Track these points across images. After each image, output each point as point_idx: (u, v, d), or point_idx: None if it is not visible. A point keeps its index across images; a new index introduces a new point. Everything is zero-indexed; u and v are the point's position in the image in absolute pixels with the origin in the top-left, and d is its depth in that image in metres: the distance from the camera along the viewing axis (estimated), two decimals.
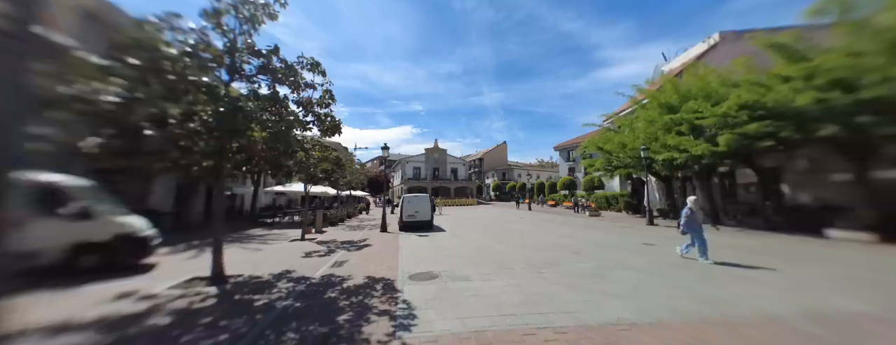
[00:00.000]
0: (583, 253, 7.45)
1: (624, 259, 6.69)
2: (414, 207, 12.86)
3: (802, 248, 7.82)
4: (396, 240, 10.32)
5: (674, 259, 6.63)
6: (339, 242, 10.31)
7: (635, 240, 9.56)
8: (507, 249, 8.24)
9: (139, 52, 4.49)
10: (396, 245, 9.21)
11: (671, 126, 13.58)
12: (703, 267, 5.94)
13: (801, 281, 4.95)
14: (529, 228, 13.24)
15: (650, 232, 11.69)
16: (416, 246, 8.99)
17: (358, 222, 17.69)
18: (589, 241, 9.45)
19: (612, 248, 8.17)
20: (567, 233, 11.56)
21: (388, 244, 9.48)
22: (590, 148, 19.35)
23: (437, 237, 10.71)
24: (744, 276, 5.31)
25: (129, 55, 4.50)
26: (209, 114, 4.66)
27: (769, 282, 4.91)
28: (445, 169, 46.99)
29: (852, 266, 5.90)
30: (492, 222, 16.49)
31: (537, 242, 9.21)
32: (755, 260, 6.42)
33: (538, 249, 8.04)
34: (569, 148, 39.09)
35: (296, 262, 7.19)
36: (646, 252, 7.52)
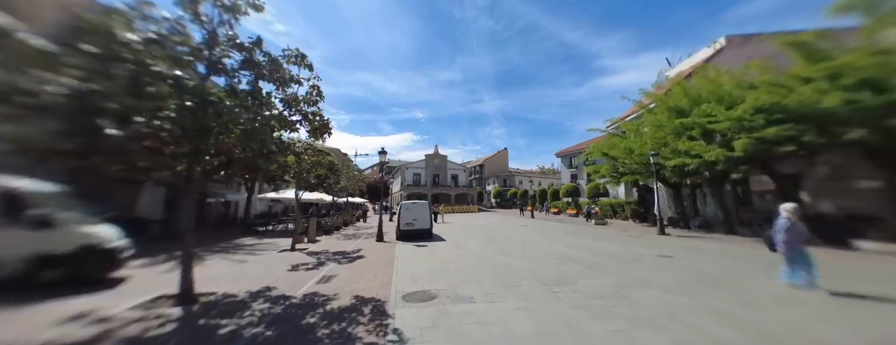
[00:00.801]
0: (596, 267, 6.76)
1: (644, 275, 5.99)
2: (412, 215, 12.19)
3: (845, 262, 7.11)
4: (392, 251, 9.62)
5: (698, 275, 5.93)
6: (331, 252, 9.62)
7: (650, 251, 8.86)
8: (512, 261, 7.55)
9: (96, 38, 3.96)
10: (392, 257, 8.52)
11: (681, 131, 13.01)
12: (738, 286, 5.24)
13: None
14: (534, 238, 12.53)
15: (663, 242, 10.97)
16: (414, 258, 8.30)
17: (354, 231, 16.97)
18: (600, 252, 8.75)
19: (627, 261, 7.47)
20: (575, 243, 10.85)
21: (383, 256, 8.79)
22: (594, 154, 18.76)
23: (437, 247, 10.01)
24: (789, 297, 4.61)
25: (85, 42, 3.96)
26: (174, 109, 4.08)
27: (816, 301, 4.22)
28: (446, 175, 46.37)
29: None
30: (494, 231, 15.77)
31: (545, 254, 8.52)
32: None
33: (547, 262, 7.35)
34: (571, 154, 38.55)
35: (279, 276, 6.50)
36: (665, 266, 6.82)
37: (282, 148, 5.32)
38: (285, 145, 5.52)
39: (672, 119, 13.28)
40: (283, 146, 5.66)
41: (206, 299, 5.14)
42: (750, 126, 10.07)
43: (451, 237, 12.74)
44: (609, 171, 18.10)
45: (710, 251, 8.76)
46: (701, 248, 9.41)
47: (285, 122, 5.67)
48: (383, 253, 9.24)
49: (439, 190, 44.16)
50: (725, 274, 6.04)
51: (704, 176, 14.60)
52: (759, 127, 9.85)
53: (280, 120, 5.60)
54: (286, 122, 5.68)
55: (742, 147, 10.17)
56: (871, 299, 4.48)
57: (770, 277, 5.70)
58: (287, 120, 5.69)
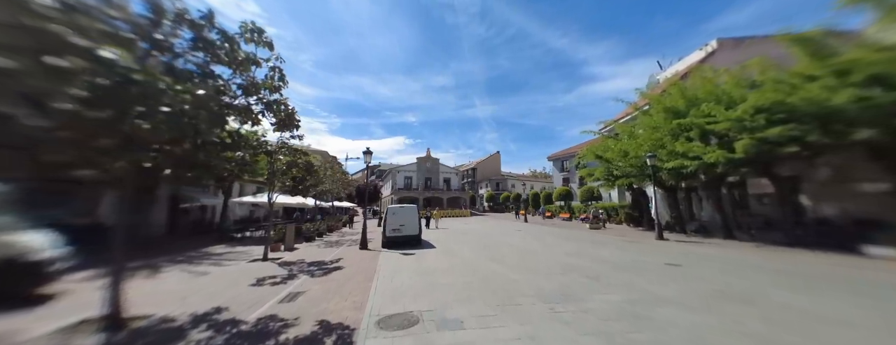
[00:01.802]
0: (602, 279, 6.05)
1: (655, 288, 5.31)
2: (399, 220, 11.26)
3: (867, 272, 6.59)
4: (375, 260, 8.73)
5: (715, 287, 5.28)
6: (307, 263, 8.68)
7: (654, 259, 8.23)
8: (509, 272, 6.78)
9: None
10: (373, 268, 7.64)
11: (679, 132, 12.59)
12: (762, 300, 4.59)
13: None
14: (530, 244, 11.81)
15: (664, 248, 10.39)
16: (398, 269, 7.44)
17: (339, 237, 15.94)
18: (601, 260, 8.07)
19: (633, 271, 6.79)
20: (573, 249, 10.17)
21: (364, 267, 7.90)
22: (588, 157, 18.28)
23: (425, 256, 9.16)
24: (830, 315, 3.97)
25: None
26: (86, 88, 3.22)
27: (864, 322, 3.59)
28: (438, 179, 45.54)
29: None
30: (487, 236, 15.00)
31: (543, 263, 7.79)
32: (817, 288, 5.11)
33: (547, 273, 6.61)
34: (562, 158, 38.33)
35: (238, 293, 5.57)
36: (675, 276, 6.16)
37: (267, 151, 4.46)
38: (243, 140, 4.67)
39: (669, 120, 12.87)
40: (243, 141, 4.81)
41: (139, 323, 4.21)
42: (751, 126, 9.67)
43: (442, 244, 11.91)
44: (603, 174, 17.63)
45: (717, 259, 8.18)
46: (705, 254, 8.85)
47: (246, 112, 4.82)
48: (365, 263, 8.34)
49: (431, 194, 43.23)
50: (744, 286, 5.40)
51: (700, 179, 14.24)
52: (760, 127, 9.45)
53: (240, 110, 4.75)
54: (247, 112, 4.83)
55: (743, 148, 9.73)
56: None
57: (792, 289, 5.09)
58: (248, 110, 4.85)
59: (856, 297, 4.70)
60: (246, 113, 4.76)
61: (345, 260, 8.96)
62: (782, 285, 5.45)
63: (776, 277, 6.03)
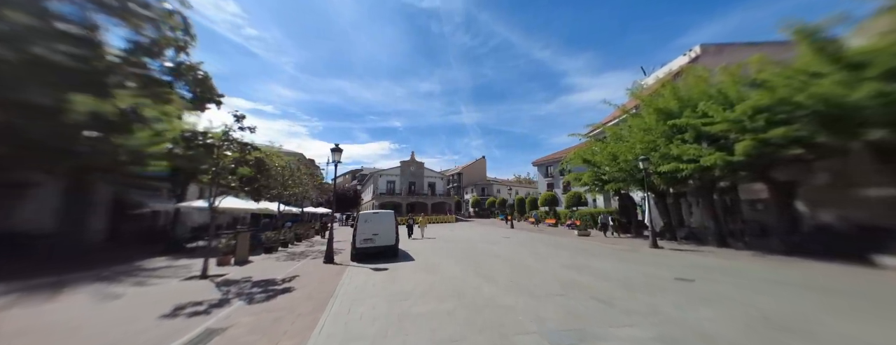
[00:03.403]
0: (615, 303, 4.91)
1: (686, 316, 4.21)
2: (372, 229, 9.70)
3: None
4: (338, 278, 7.23)
5: (752, 312, 4.25)
6: (253, 282, 7.08)
7: (660, 272, 7.24)
8: (500, 294, 5.53)
9: None
10: (333, 289, 6.17)
11: (672, 134, 11.97)
12: (823, 331, 3.58)
13: None
14: (521, 254, 10.64)
15: (664, 259, 9.50)
16: (362, 292, 6.00)
17: (306, 247, 14.15)
18: (605, 275, 6.99)
19: (646, 290, 5.72)
20: (569, 261, 9.08)
21: (320, 288, 6.40)
22: (574, 161, 17.55)
23: (400, 272, 7.75)
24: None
25: None
26: None
27: None
28: (422, 183, 43.99)
29: None
30: (473, 245, 13.73)
31: (539, 279, 6.60)
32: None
33: (547, 295, 5.42)
34: (547, 163, 37.99)
35: (136, 329, 4.01)
36: (697, 297, 5.13)
37: (206, 144, 3.05)
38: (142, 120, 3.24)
39: (661, 122, 12.24)
40: (205, 141, 3.36)
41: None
42: (752, 127, 9.06)
43: (422, 255, 10.51)
44: (591, 178, 16.88)
45: (727, 272, 7.29)
46: (711, 266, 7.97)
47: (145, 81, 3.39)
48: (323, 283, 6.83)
49: (415, 199, 41.56)
50: (783, 309, 4.40)
51: (690, 184, 13.71)
52: (761, 128, 8.85)
53: (136, 76, 3.31)
54: (147, 81, 3.40)
55: (744, 150, 9.09)
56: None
57: (838, 313, 4.13)
58: (149, 79, 3.42)
59: None
60: (148, 84, 3.35)
61: (301, 278, 7.40)
62: (825, 306, 4.50)
63: (809, 295, 5.10)
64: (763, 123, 8.89)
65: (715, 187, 13.08)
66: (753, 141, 8.89)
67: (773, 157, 9.27)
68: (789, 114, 8.23)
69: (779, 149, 8.95)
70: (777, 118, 8.56)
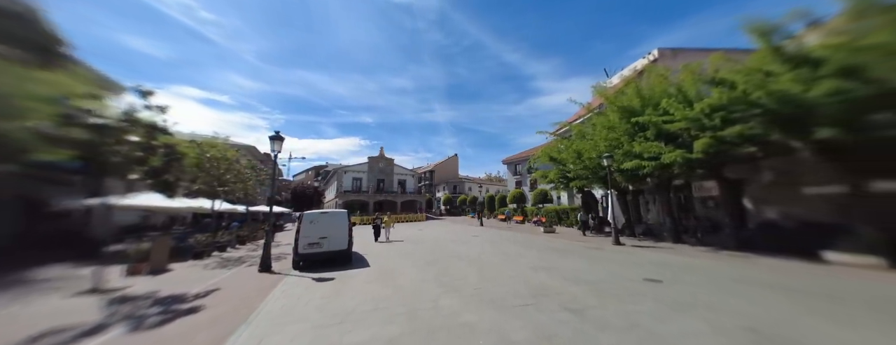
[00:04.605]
0: (588, 313, 4.28)
1: (664, 329, 3.66)
2: (318, 231, 8.34)
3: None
4: (267, 292, 5.93)
5: (736, 321, 3.82)
6: (158, 298, 5.58)
7: (627, 272, 6.89)
8: (462, 308, 4.68)
9: None
10: (252, 308, 4.92)
11: (635, 132, 12.04)
12: (818, 341, 3.18)
13: None
14: (488, 254, 9.96)
15: (628, 256, 9.36)
16: (290, 312, 4.83)
17: (248, 252, 12.32)
18: (574, 277, 6.46)
19: (617, 294, 5.22)
20: (537, 261, 8.55)
21: (237, 306, 5.09)
22: (542, 159, 17.47)
23: (348, 282, 6.60)
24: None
25: None
26: None
27: None
28: (392, 181, 42.21)
29: None
30: (440, 245, 12.87)
31: (507, 285, 5.87)
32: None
33: (514, 305, 4.67)
34: (516, 162, 38.39)
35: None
36: (671, 302, 4.69)
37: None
38: None
39: (625, 120, 12.28)
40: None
41: None
42: (710, 125, 9.18)
43: (380, 259, 9.40)
44: (557, 176, 16.88)
45: (692, 270, 7.15)
46: (674, 264, 7.85)
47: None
48: (245, 299, 5.50)
49: (384, 197, 39.62)
50: (766, 316, 4.04)
51: (649, 182, 14.06)
52: (718, 126, 8.99)
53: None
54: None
55: (702, 147, 9.18)
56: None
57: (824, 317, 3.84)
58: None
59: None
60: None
61: (221, 292, 5.99)
62: (808, 310, 4.23)
63: (780, 297, 4.88)
64: (719, 122, 9.03)
65: (671, 185, 13.50)
66: (711, 139, 8.98)
67: (728, 155, 9.48)
68: (744, 112, 8.37)
69: (733, 147, 9.14)
70: (733, 116, 8.70)
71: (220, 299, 5.52)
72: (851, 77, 5.98)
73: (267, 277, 7.34)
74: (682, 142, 10.44)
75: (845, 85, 5.96)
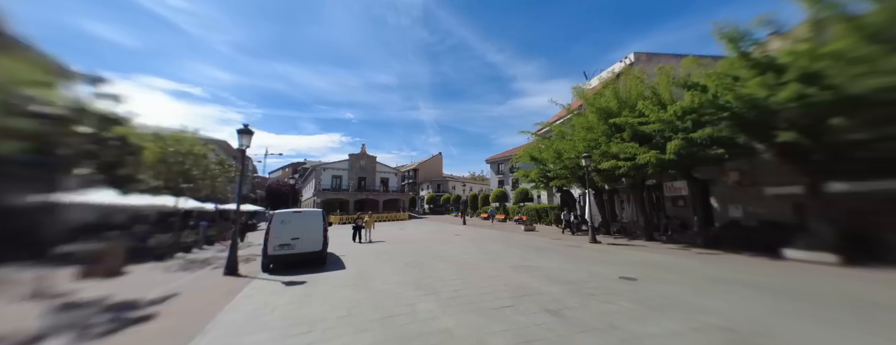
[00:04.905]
0: (567, 314, 4.18)
1: (643, 330, 3.61)
2: (290, 231, 7.83)
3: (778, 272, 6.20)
4: (229, 298, 5.44)
5: (711, 321, 3.86)
6: (108, 304, 4.98)
7: (604, 271, 6.95)
8: (440, 312, 4.45)
9: None
10: (210, 317, 4.45)
11: (612, 133, 12.33)
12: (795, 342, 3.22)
13: None
14: (471, 253, 9.81)
15: (604, 254, 9.52)
16: (251, 321, 4.38)
17: (214, 253, 11.46)
18: (553, 276, 6.41)
19: (595, 294, 5.19)
20: (518, 260, 8.49)
21: (195, 314, 4.58)
22: (523, 158, 17.64)
23: (320, 286, 6.18)
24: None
25: None
26: None
27: None
28: (374, 179, 41.22)
29: None
30: (421, 245, 12.58)
31: (488, 286, 5.71)
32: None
33: (494, 308, 4.50)
34: (499, 161, 38.69)
35: None
36: (647, 302, 4.70)
37: None
38: None
39: (602, 121, 12.54)
40: None
41: None
42: (682, 127, 9.50)
43: (359, 261, 9.00)
44: (537, 175, 17.10)
45: (666, 268, 7.31)
46: (647, 262, 8.02)
47: None
48: (205, 306, 5.00)
49: (365, 196, 38.52)
50: (738, 315, 4.12)
51: (624, 182, 14.49)
52: (690, 128, 9.32)
53: None
54: None
55: (674, 149, 9.49)
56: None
57: (795, 317, 3.95)
58: None
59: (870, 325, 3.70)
60: None
61: (181, 297, 5.43)
62: (776, 307, 4.35)
63: (751, 294, 5.03)
64: (690, 124, 9.36)
65: (645, 185, 13.97)
66: (682, 140, 9.28)
67: (698, 156, 9.85)
68: (713, 115, 8.71)
69: (703, 148, 9.50)
70: (703, 119, 9.03)
71: (177, 306, 4.97)
72: (811, 83, 6.29)
73: (232, 280, 6.77)
74: (655, 143, 10.75)
75: (806, 90, 6.25)
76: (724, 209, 11.64)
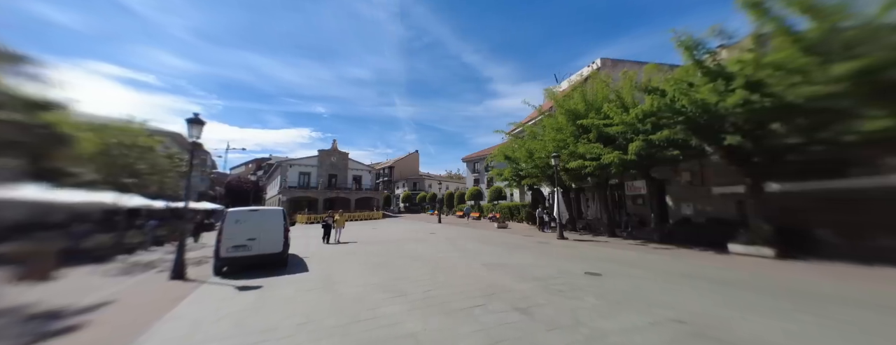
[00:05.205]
0: (536, 312, 4.13)
1: (608, 326, 3.65)
2: (246, 232, 7.11)
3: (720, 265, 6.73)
4: (171, 306, 4.79)
5: (669, 314, 4.00)
6: (29, 313, 4.20)
7: (571, 267, 7.11)
8: (407, 315, 4.21)
9: None
10: (143, 328, 3.87)
11: (580, 134, 12.79)
12: (747, 333, 3.39)
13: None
14: (444, 251, 9.64)
15: (571, 250, 9.81)
16: (192, 334, 3.83)
17: (163, 255, 10.25)
18: (524, 273, 6.43)
19: (563, 290, 5.25)
20: (491, 256, 8.48)
21: (128, 325, 3.95)
22: (498, 157, 17.91)
23: (278, 291, 5.67)
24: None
25: None
26: None
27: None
28: (346, 176, 39.59)
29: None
30: (394, 244, 12.22)
31: (459, 285, 5.56)
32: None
33: (464, 307, 4.35)
34: (475, 160, 39.01)
35: None
36: (609, 297, 4.82)
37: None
38: None
39: (571, 122, 12.97)
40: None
41: None
42: (643, 129, 10.04)
43: (324, 262, 8.48)
44: (511, 174, 17.44)
45: (626, 262, 7.65)
46: (610, 257, 8.36)
47: None
48: (141, 316, 4.34)
49: (336, 194, 36.49)
50: (694, 309, 4.34)
51: (589, 181, 15.15)
52: (649, 130, 9.86)
53: None
54: None
55: (635, 150, 9.99)
56: None
57: (745, 310, 4.22)
58: None
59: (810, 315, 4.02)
60: None
61: (117, 304, 4.71)
62: (724, 299, 4.63)
63: (705, 287, 5.35)
64: (650, 126, 9.91)
65: (608, 184, 14.69)
66: (642, 141, 9.80)
67: (656, 157, 10.46)
68: (670, 119, 9.28)
69: (661, 150, 10.11)
70: (661, 122, 9.59)
71: (111, 315, 4.29)
72: (755, 90, 6.83)
73: (179, 285, 6.01)
74: (619, 144, 11.28)
75: (750, 97, 6.79)
76: (678, 207, 12.52)
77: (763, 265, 6.89)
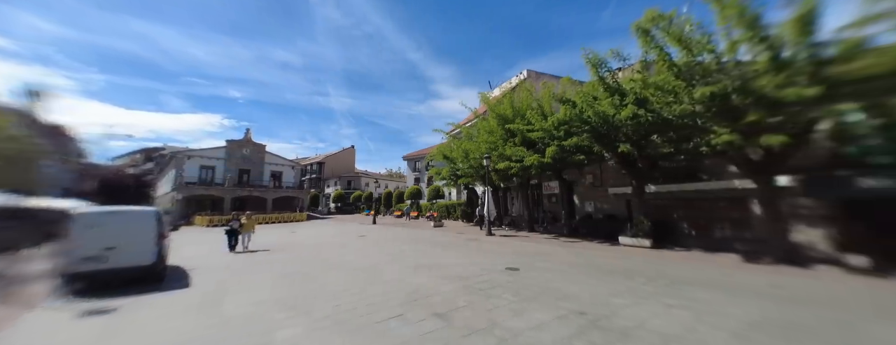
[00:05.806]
0: (455, 317, 3.87)
1: (521, 325, 3.63)
2: (101, 239, 5.32)
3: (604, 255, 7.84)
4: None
5: (576, 307, 4.24)
6: None
7: (493, 263, 7.27)
8: (305, 339, 3.46)
9: None
10: None
11: (507, 137, 13.56)
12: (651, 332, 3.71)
13: None
14: (370, 256, 8.83)
15: (496, 246, 10.20)
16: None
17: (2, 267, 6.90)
18: (448, 273, 6.23)
19: (483, 289, 5.19)
20: (420, 257, 8.11)
21: None
22: (437, 157, 17.93)
23: (139, 315, 4.16)
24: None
25: None
26: None
27: None
28: (262, 172, 33.95)
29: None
30: (314, 250, 10.80)
31: (380, 294, 4.96)
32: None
33: (378, 320, 3.80)
34: (415, 158, 38.43)
35: None
36: (526, 294, 4.95)
37: None
38: None
39: (500, 127, 13.66)
40: None
41: None
42: (557, 136, 11.11)
43: (216, 275, 6.82)
44: (448, 173, 17.63)
45: (540, 256, 8.22)
46: (528, 251, 8.92)
47: None
48: None
49: (248, 192, 30.48)
50: (590, 297, 4.71)
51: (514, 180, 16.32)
52: (563, 137, 10.98)
53: None
54: None
55: (550, 154, 10.99)
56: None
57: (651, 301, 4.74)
58: None
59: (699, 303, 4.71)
60: None
61: None
62: (612, 288, 5.18)
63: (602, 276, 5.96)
64: (563, 133, 11.02)
65: (529, 184, 16.01)
66: (556, 146, 10.83)
67: (567, 161, 11.70)
68: (579, 127, 10.45)
69: (571, 155, 11.34)
70: (572, 130, 10.74)
71: None
72: (641, 106, 8.09)
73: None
74: (538, 148, 12.29)
75: (638, 112, 8.00)
76: (583, 205, 14.33)
77: (644, 255, 8.19)
